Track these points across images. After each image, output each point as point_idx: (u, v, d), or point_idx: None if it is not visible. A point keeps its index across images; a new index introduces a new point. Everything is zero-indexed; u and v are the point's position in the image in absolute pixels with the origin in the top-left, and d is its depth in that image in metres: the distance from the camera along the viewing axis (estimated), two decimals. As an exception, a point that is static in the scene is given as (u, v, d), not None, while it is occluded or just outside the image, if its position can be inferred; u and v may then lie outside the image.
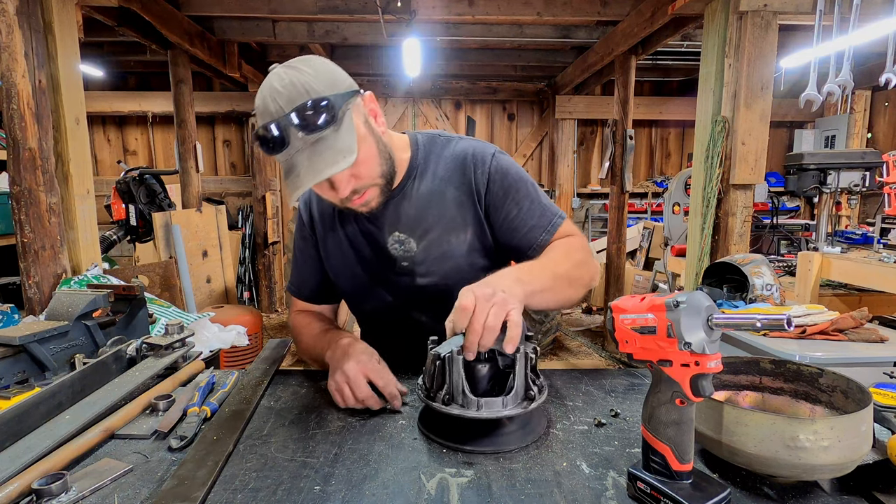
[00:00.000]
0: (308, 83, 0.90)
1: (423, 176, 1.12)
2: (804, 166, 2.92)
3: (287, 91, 0.89)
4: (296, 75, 0.91)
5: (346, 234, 1.16)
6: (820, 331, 1.69)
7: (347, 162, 0.89)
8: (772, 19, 2.66)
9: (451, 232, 1.11)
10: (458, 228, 1.10)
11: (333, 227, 1.18)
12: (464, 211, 1.10)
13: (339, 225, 1.17)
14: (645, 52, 4.43)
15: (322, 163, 0.89)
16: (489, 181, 1.09)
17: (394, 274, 1.14)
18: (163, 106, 5.86)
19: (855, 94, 5.44)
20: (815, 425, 0.65)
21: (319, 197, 1.14)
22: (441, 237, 1.11)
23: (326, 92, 0.90)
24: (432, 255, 1.11)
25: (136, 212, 3.74)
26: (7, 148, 2.18)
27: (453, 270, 1.11)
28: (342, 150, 0.89)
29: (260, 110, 0.92)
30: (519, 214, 1.09)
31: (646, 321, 0.66)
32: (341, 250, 1.18)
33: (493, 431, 0.85)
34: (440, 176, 1.11)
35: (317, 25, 4.57)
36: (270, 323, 5.79)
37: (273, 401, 1.02)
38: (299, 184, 0.90)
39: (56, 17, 2.30)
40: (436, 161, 1.13)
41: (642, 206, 6.64)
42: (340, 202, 1.01)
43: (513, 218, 1.09)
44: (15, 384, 1.08)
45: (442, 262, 1.11)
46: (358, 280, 1.18)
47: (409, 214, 1.11)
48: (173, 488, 0.70)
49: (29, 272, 2.23)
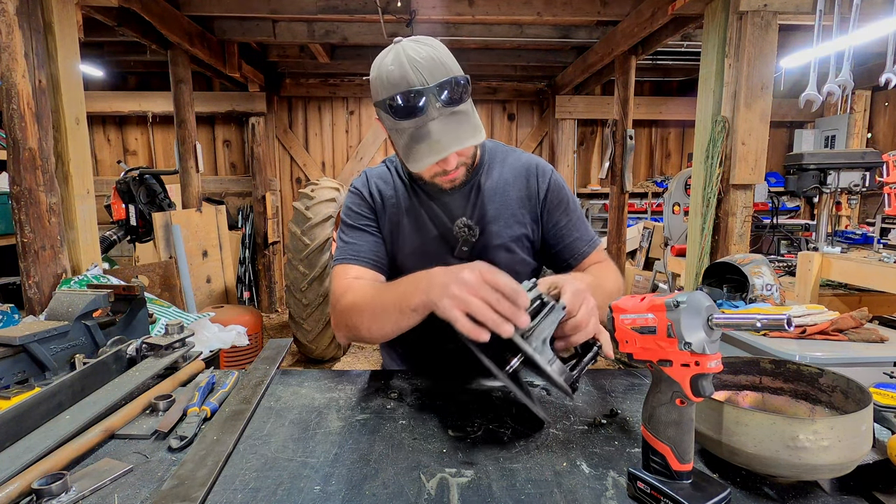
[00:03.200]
0: (444, 61, 0.99)
1: (489, 173, 1.23)
2: (804, 166, 2.92)
3: (428, 64, 0.97)
4: (431, 51, 0.99)
5: (415, 216, 1.22)
6: (820, 331, 1.69)
7: (482, 136, 0.99)
8: (772, 19, 2.66)
9: (511, 227, 1.21)
10: (517, 225, 1.22)
11: (402, 210, 1.22)
12: (523, 211, 1.22)
13: (410, 207, 1.22)
14: (645, 52, 4.43)
15: (463, 133, 0.99)
16: (548, 190, 1.23)
17: (452, 257, 1.21)
18: (163, 106, 5.85)
19: (855, 94, 5.44)
20: (815, 425, 0.65)
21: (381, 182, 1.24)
22: (501, 230, 1.21)
23: (458, 72, 1.00)
24: (491, 243, 1.20)
25: (136, 212, 3.74)
26: (7, 148, 2.18)
27: (505, 262, 1.20)
28: (476, 126, 1.01)
29: (395, 79, 0.97)
30: (567, 224, 1.23)
31: (646, 321, 0.66)
32: (410, 230, 1.22)
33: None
34: (505, 178, 1.23)
35: (317, 25, 4.57)
36: (270, 323, 5.79)
37: (273, 401, 1.02)
38: (440, 149, 0.98)
39: (56, 17, 2.31)
40: (501, 164, 1.25)
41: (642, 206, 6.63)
42: (433, 176, 1.09)
43: (562, 226, 1.23)
44: (15, 384, 1.08)
45: (497, 252, 1.20)
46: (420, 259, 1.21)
47: (475, 204, 1.20)
48: (173, 488, 0.70)
49: (29, 272, 2.23)
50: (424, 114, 0.98)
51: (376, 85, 1.03)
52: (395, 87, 0.98)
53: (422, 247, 1.22)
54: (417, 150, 1.00)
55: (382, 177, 1.26)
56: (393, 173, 1.26)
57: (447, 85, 0.97)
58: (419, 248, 1.22)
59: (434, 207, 1.21)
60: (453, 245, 1.20)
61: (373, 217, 1.24)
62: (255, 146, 5.99)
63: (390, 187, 1.23)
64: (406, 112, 0.98)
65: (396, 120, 1.00)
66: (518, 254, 1.23)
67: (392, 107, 0.99)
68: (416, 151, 1.00)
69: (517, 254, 1.22)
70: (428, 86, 0.96)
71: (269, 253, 6.16)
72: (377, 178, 1.26)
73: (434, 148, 0.98)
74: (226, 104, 5.94)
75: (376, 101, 1.03)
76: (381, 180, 1.25)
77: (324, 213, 4.08)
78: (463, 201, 1.20)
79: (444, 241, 1.21)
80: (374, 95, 1.04)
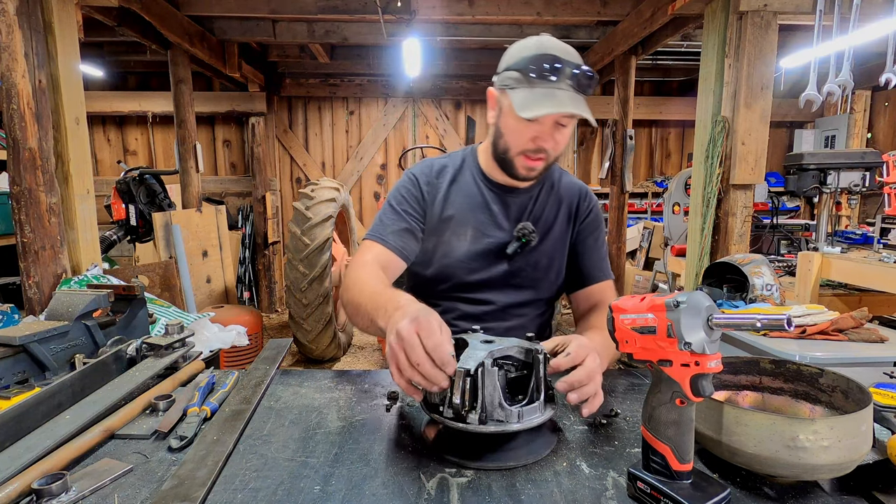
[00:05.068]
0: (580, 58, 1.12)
1: (549, 188, 1.33)
2: (804, 166, 2.92)
3: (570, 51, 1.11)
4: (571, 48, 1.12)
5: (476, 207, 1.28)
6: (820, 331, 1.69)
7: (593, 122, 1.10)
8: (772, 19, 2.66)
9: (558, 239, 1.32)
10: (562, 238, 1.33)
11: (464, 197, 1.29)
12: (567, 226, 1.34)
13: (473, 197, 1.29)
14: (645, 52, 4.43)
15: (583, 108, 1.08)
16: (589, 213, 1.35)
17: (503, 253, 1.27)
18: (163, 106, 5.85)
19: (855, 94, 5.43)
20: (815, 425, 0.65)
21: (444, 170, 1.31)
22: (551, 240, 1.30)
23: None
24: (541, 249, 1.29)
25: (136, 212, 3.74)
26: (7, 148, 2.18)
27: (544, 268, 1.30)
28: (590, 112, 1.09)
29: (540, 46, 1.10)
30: (594, 248, 1.34)
31: (646, 321, 0.66)
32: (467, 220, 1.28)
33: (531, 439, 0.82)
34: (558, 194, 1.34)
35: (317, 25, 4.57)
36: (270, 323, 5.79)
37: (273, 401, 1.02)
38: (560, 105, 1.06)
39: (56, 17, 2.30)
40: (557, 181, 1.35)
41: (642, 206, 6.63)
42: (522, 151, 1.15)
43: (589, 248, 1.34)
44: (15, 384, 1.08)
45: (541, 258, 1.30)
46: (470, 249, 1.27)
47: (534, 212, 1.30)
48: (173, 488, 0.70)
49: (29, 272, 2.23)
50: (557, 82, 1.07)
51: (513, 52, 1.14)
52: (539, 50, 1.09)
53: (475, 239, 1.28)
54: (537, 102, 1.07)
55: (448, 165, 1.33)
56: (463, 165, 1.33)
57: (587, 72, 1.08)
58: (473, 237, 1.28)
59: (495, 205, 1.28)
60: (506, 242, 1.27)
61: (417, 207, 1.28)
62: (255, 146, 5.98)
63: (454, 174, 1.31)
64: (541, 72, 1.07)
65: (531, 77, 1.08)
66: (555, 264, 1.31)
67: (531, 67, 1.07)
68: (535, 103, 1.07)
69: (554, 265, 1.31)
70: (571, 61, 1.08)
71: (269, 253, 6.16)
72: (440, 167, 1.32)
73: (555, 102, 1.06)
74: (226, 104, 5.94)
75: (508, 65, 1.13)
76: (445, 168, 1.32)
77: (324, 213, 4.07)
78: (522, 206, 1.30)
79: (498, 238, 1.27)
80: (507, 61, 1.14)
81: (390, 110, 6.50)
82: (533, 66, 1.07)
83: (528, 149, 1.15)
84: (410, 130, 6.56)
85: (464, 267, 1.28)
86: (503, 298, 1.30)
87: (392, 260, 1.22)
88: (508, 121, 1.14)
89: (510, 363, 0.84)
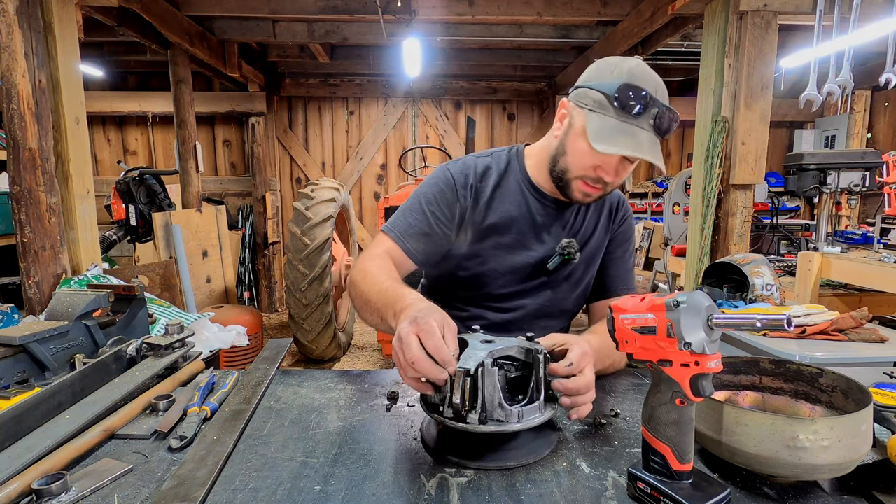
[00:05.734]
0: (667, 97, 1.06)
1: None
2: (804, 166, 2.92)
3: (662, 88, 1.04)
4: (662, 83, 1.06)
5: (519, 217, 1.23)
6: (820, 331, 1.69)
7: (664, 169, 1.04)
8: (772, 19, 2.66)
9: (596, 250, 1.29)
10: (599, 247, 1.30)
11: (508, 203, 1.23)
12: (604, 236, 1.31)
13: (518, 206, 1.23)
14: (645, 52, 4.43)
15: (658, 154, 1.03)
16: (622, 222, 1.32)
17: (534, 268, 1.24)
18: (163, 106, 5.85)
19: (855, 94, 5.43)
20: (815, 425, 0.65)
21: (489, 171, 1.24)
22: (588, 254, 1.28)
23: None
24: (581, 261, 1.25)
25: (136, 212, 3.74)
26: (7, 148, 2.18)
27: (579, 275, 1.28)
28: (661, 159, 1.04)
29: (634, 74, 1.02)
30: (622, 259, 1.32)
31: (646, 321, 0.66)
32: (508, 228, 1.23)
33: (531, 439, 0.82)
34: (599, 203, 1.30)
35: (317, 25, 4.57)
36: (270, 323, 5.79)
37: (273, 401, 1.02)
38: (638, 149, 1.01)
39: (56, 17, 2.31)
40: None
41: (642, 206, 6.63)
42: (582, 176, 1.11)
43: (617, 259, 1.31)
44: (15, 384, 1.08)
45: (578, 267, 1.27)
46: (506, 264, 1.24)
47: (575, 225, 1.27)
48: (173, 488, 0.70)
49: (29, 272, 2.23)
50: (639, 119, 1.01)
51: (602, 70, 1.06)
52: (631, 79, 1.01)
53: (517, 251, 1.24)
54: (615, 138, 1.01)
55: (491, 167, 1.25)
56: (508, 168, 1.26)
57: (668, 110, 1.02)
58: (515, 249, 1.24)
59: (540, 217, 1.24)
60: (546, 257, 1.23)
61: (447, 211, 1.20)
62: (255, 146, 5.98)
63: (499, 178, 1.24)
64: (627, 104, 1.00)
65: (614, 106, 1.02)
66: (588, 276, 1.30)
67: (616, 95, 1.01)
68: (612, 138, 1.01)
69: (587, 277, 1.29)
70: (658, 100, 1.01)
71: (269, 253, 6.16)
72: (483, 167, 1.24)
73: (634, 143, 1.01)
74: (226, 104, 5.94)
75: (592, 84, 1.06)
76: (489, 171, 1.25)
77: (324, 213, 4.07)
78: (566, 220, 1.26)
79: (540, 253, 1.24)
80: (592, 78, 1.07)
81: (390, 110, 6.50)
82: (619, 94, 1.00)
83: (589, 176, 1.10)
84: (410, 130, 6.56)
85: (500, 277, 1.24)
86: (532, 309, 1.27)
87: (404, 261, 1.17)
88: (577, 143, 1.08)
89: (510, 363, 0.83)
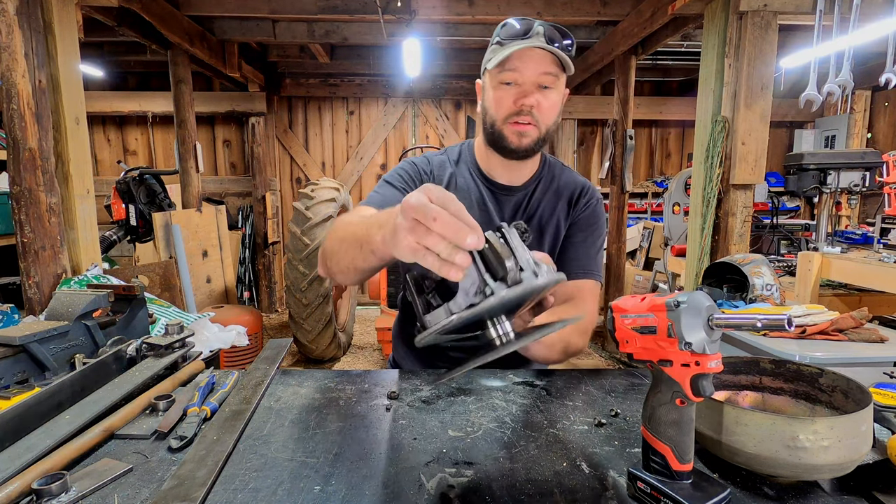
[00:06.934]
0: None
1: (546, 184, 1.30)
2: (804, 166, 2.92)
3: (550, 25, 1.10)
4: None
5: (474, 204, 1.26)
6: (820, 331, 1.69)
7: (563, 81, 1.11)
8: (772, 19, 2.66)
9: (557, 235, 1.28)
10: (560, 232, 1.29)
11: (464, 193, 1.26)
12: (565, 222, 1.30)
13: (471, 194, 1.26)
14: (645, 52, 4.43)
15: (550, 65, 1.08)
16: (585, 208, 1.29)
17: None
18: (163, 106, 5.85)
19: (855, 94, 5.43)
20: (815, 425, 0.65)
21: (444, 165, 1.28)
22: (550, 238, 1.28)
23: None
24: (542, 245, 1.26)
25: (136, 212, 3.74)
26: (7, 148, 2.18)
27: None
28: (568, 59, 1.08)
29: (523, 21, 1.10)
30: (581, 245, 1.28)
31: (646, 321, 0.66)
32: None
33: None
34: (558, 189, 1.30)
35: (317, 25, 4.57)
36: (270, 323, 5.79)
37: (273, 401, 1.02)
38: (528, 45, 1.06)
39: (56, 17, 2.31)
40: (557, 177, 1.32)
41: (642, 206, 6.63)
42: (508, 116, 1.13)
43: (577, 243, 1.28)
44: (15, 384, 1.08)
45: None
46: None
47: (528, 209, 1.28)
48: (173, 488, 0.70)
49: (29, 272, 2.23)
50: (527, 38, 1.06)
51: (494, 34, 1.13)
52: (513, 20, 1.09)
53: None
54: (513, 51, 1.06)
55: (446, 161, 1.30)
56: (460, 160, 1.31)
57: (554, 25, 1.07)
58: None
59: (491, 203, 1.26)
60: None
61: (416, 186, 1.21)
62: (255, 146, 5.98)
63: (453, 170, 1.28)
64: (511, 32, 1.07)
65: (502, 42, 1.08)
66: (553, 255, 1.28)
67: (500, 33, 1.09)
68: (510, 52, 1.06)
69: (553, 255, 1.28)
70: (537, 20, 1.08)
71: (269, 253, 6.16)
72: (439, 162, 1.30)
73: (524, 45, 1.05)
74: (226, 104, 5.94)
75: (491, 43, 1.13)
76: (444, 164, 1.30)
77: (324, 213, 4.07)
78: (517, 204, 1.28)
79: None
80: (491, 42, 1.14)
81: (390, 110, 6.50)
82: (501, 30, 1.09)
83: (512, 112, 1.12)
84: (410, 130, 6.56)
85: None
86: None
87: None
88: (489, 92, 1.14)
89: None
